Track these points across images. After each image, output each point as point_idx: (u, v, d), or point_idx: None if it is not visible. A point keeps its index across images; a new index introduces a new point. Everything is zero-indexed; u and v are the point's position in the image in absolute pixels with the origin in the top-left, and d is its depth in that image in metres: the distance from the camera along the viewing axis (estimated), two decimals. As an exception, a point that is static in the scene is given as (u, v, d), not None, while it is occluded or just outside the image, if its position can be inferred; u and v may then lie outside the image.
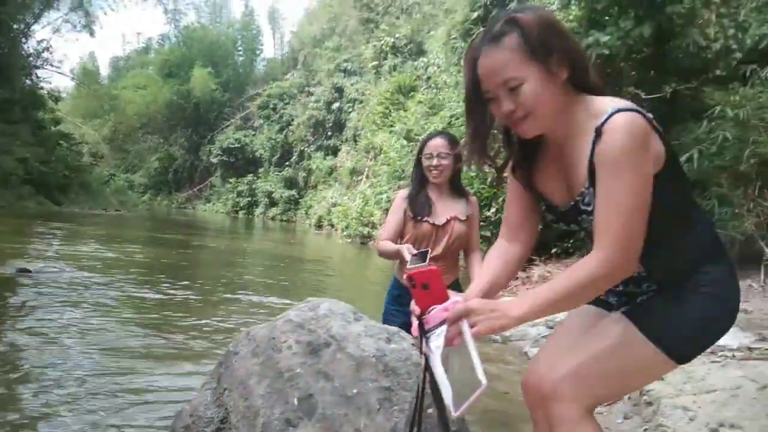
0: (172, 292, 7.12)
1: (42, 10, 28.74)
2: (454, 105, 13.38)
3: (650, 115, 1.29)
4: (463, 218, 2.71)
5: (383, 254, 2.75)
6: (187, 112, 46.24)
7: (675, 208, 1.37)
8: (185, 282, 7.96)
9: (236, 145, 42.39)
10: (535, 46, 1.24)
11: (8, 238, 11.36)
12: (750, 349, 4.33)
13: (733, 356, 4.12)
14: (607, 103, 1.29)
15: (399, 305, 2.76)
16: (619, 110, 1.25)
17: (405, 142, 14.97)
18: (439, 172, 2.68)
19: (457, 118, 12.92)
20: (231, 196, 41.92)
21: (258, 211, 39.78)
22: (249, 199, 40.82)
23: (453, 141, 2.71)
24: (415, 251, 2.50)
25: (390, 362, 1.93)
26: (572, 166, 1.36)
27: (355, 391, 1.85)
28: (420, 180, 2.77)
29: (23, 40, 28.09)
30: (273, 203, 38.82)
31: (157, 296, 6.77)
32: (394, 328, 2.15)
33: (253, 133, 42.99)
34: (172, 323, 5.46)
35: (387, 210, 14.28)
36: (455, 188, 2.77)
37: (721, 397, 3.09)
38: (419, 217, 2.71)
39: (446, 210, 2.73)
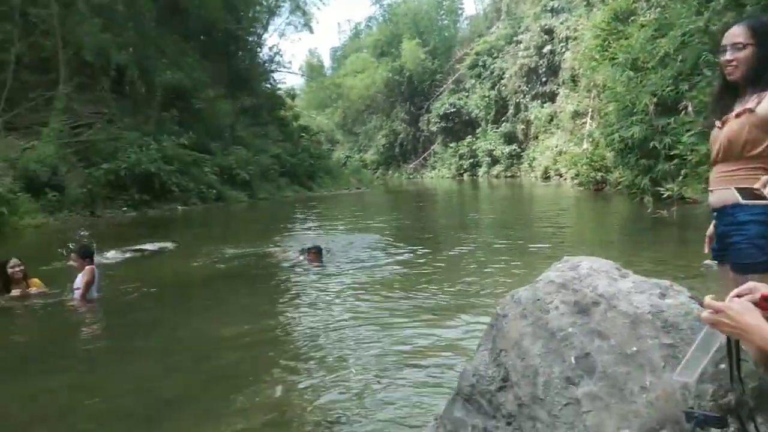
0: (428, 253, 8.06)
1: (268, 18, 32.34)
2: (685, 21, 11.66)
3: None
4: (736, 115, 2.11)
5: None
6: (403, 87, 48.19)
7: None
8: (435, 244, 8.78)
9: (452, 110, 43.04)
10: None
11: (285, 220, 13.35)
12: None
13: None
14: None
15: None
16: None
17: (632, 74, 13.57)
18: (733, 67, 2.15)
19: (691, 35, 11.25)
20: (454, 161, 42.86)
21: (482, 171, 40.08)
22: (471, 160, 41.32)
23: (755, 27, 2.11)
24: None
25: (669, 318, 1.85)
26: None
27: (634, 348, 1.82)
28: (721, 81, 2.28)
29: (258, 49, 32.02)
30: (495, 161, 38.73)
31: (418, 257, 7.84)
32: (666, 282, 2.04)
33: (466, 94, 43.14)
34: (431, 283, 5.99)
35: (621, 150, 13.27)
36: (760, 85, 2.10)
37: None
38: (712, 124, 2.29)
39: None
